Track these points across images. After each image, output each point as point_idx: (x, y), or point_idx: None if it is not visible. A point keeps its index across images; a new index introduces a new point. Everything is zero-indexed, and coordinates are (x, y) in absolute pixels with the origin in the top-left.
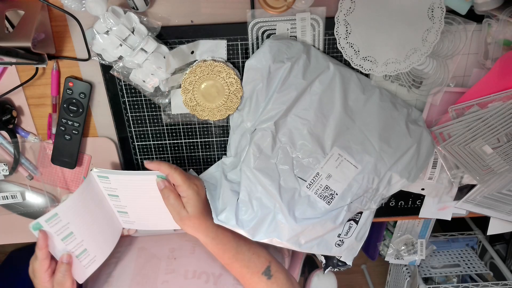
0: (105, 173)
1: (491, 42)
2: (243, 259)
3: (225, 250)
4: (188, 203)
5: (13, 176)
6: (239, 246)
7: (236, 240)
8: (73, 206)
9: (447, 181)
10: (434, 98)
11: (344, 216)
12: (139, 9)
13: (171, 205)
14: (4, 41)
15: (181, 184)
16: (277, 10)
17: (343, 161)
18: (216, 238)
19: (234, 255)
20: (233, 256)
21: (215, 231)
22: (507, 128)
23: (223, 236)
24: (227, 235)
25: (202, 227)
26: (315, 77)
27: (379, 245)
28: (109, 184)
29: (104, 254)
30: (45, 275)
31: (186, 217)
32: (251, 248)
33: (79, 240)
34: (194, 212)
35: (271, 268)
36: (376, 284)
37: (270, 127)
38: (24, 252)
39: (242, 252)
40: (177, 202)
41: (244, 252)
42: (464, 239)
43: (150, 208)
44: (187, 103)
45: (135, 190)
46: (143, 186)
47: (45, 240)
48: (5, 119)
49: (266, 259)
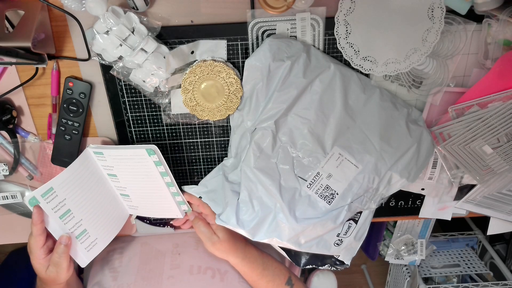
0: (100, 149)
1: (491, 42)
2: (268, 274)
3: (253, 268)
4: (218, 229)
5: (13, 176)
6: (264, 263)
7: (262, 257)
8: (68, 180)
9: (447, 181)
10: (434, 98)
11: (345, 216)
12: (139, 9)
13: (202, 233)
14: (4, 41)
15: (211, 213)
16: (277, 10)
17: (344, 160)
18: (245, 258)
19: (261, 271)
20: (260, 272)
21: (244, 251)
22: (507, 128)
23: (250, 255)
24: (254, 254)
25: (232, 250)
26: (315, 76)
27: (379, 245)
28: (105, 161)
29: (107, 238)
30: (41, 251)
31: (217, 241)
32: (274, 263)
33: (77, 219)
34: (225, 237)
35: (292, 278)
36: (376, 284)
37: (270, 126)
38: (24, 252)
39: (267, 268)
40: (208, 229)
41: (269, 267)
42: (464, 239)
43: (149, 190)
44: (187, 103)
45: (129, 167)
46: (135, 162)
47: (39, 215)
48: (5, 119)
49: (286, 271)
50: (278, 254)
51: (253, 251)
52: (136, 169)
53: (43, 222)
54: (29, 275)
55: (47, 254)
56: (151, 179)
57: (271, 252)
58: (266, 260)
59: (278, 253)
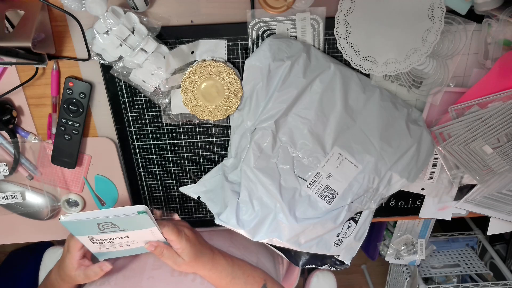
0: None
1: (491, 42)
2: (238, 283)
3: (221, 277)
4: (183, 252)
5: (13, 176)
6: (234, 271)
7: (232, 266)
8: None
9: (447, 181)
10: (434, 98)
11: (345, 216)
12: (139, 9)
13: (167, 259)
14: (4, 41)
15: (174, 239)
16: (277, 10)
17: (344, 160)
18: (212, 269)
19: (230, 280)
20: (230, 281)
21: (211, 263)
22: (507, 128)
23: (218, 265)
24: (222, 264)
25: (199, 265)
26: (315, 76)
27: (379, 245)
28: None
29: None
30: (78, 253)
31: (183, 263)
32: (246, 271)
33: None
34: (190, 257)
35: (267, 285)
36: (376, 284)
37: (270, 126)
38: (24, 252)
39: (237, 277)
40: (171, 254)
41: (240, 276)
42: (464, 239)
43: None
44: (187, 103)
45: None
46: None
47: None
48: (5, 119)
49: (260, 278)
50: (270, 255)
51: (221, 261)
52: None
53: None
54: (29, 275)
55: (81, 258)
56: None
57: (262, 254)
58: (236, 268)
59: (270, 254)
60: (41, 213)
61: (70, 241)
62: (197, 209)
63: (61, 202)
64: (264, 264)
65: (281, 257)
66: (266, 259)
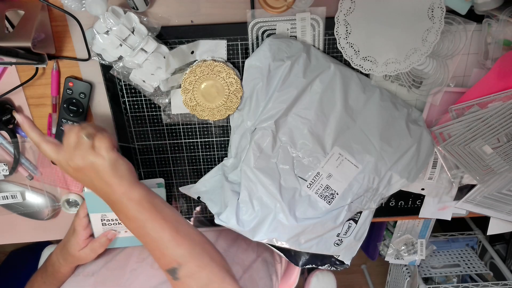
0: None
1: (491, 42)
2: (149, 243)
3: (133, 221)
4: (102, 147)
5: (13, 176)
6: (147, 222)
7: (146, 216)
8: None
9: (447, 181)
10: (434, 98)
11: (345, 216)
12: (139, 9)
13: (80, 143)
14: (4, 41)
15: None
16: (277, 10)
17: (344, 160)
18: (132, 203)
19: (142, 234)
20: (134, 230)
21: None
22: (507, 128)
23: (140, 206)
24: (144, 209)
25: (116, 185)
26: (315, 76)
27: (379, 245)
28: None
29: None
30: (84, 232)
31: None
32: (163, 239)
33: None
34: (110, 164)
35: (180, 271)
36: (376, 284)
37: (270, 126)
38: (24, 252)
39: (151, 240)
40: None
41: (153, 240)
42: (464, 239)
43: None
44: (187, 103)
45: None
46: None
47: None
48: (5, 119)
49: (174, 260)
50: (269, 253)
51: (145, 208)
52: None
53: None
54: (29, 275)
55: (87, 237)
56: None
57: (261, 252)
58: (152, 224)
59: (268, 252)
60: (41, 213)
61: (75, 221)
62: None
63: (61, 202)
64: (261, 261)
65: (280, 256)
66: (264, 257)
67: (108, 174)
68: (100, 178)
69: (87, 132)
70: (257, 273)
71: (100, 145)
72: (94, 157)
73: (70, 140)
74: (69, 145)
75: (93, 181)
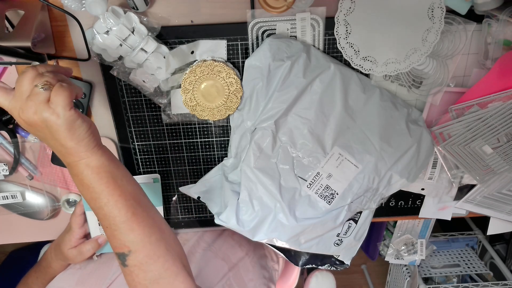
0: None
1: (491, 42)
2: (101, 218)
3: (90, 190)
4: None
5: (13, 176)
6: (102, 194)
7: (103, 187)
8: None
9: (447, 181)
10: (434, 98)
11: (345, 216)
12: (139, 9)
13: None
14: (4, 41)
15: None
16: (277, 10)
17: (344, 160)
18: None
19: (90, 200)
20: (89, 201)
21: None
22: (507, 128)
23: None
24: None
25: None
26: (315, 76)
27: (379, 245)
28: None
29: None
30: (79, 231)
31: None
32: (116, 218)
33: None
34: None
35: (130, 257)
36: (376, 284)
37: (270, 126)
38: (24, 252)
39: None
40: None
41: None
42: (464, 239)
43: None
44: (187, 103)
45: None
46: None
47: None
48: (5, 119)
49: (124, 245)
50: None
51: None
52: None
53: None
54: None
55: (81, 237)
56: None
57: (253, 250)
58: (105, 196)
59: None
60: (41, 213)
61: (72, 219)
62: (197, 209)
63: (61, 202)
64: (251, 262)
65: (277, 256)
66: (255, 254)
67: (63, 135)
68: (55, 138)
69: (44, 81)
70: (245, 274)
71: (57, 100)
72: (48, 113)
73: (23, 87)
74: (21, 93)
75: (48, 139)
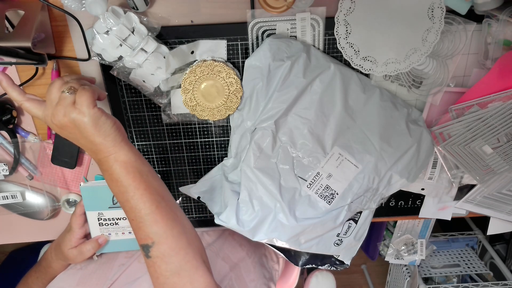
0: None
1: (491, 42)
2: (131, 209)
3: (119, 185)
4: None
5: (13, 176)
6: (129, 188)
7: (130, 181)
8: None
9: (447, 181)
10: (434, 98)
11: (345, 216)
12: (139, 9)
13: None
14: (4, 41)
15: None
16: (277, 10)
17: (344, 160)
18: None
19: (125, 200)
20: (117, 194)
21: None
22: (507, 128)
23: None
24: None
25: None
26: (315, 76)
27: (379, 245)
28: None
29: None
30: (80, 231)
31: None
32: (141, 211)
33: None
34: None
35: (153, 249)
36: (376, 284)
37: (270, 126)
38: (24, 252)
39: (127, 200)
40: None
41: (139, 209)
42: (464, 239)
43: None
44: (187, 103)
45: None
46: None
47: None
48: (5, 119)
49: (148, 237)
50: (263, 251)
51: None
52: None
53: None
54: None
55: (82, 237)
56: None
57: (252, 249)
58: (132, 189)
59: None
60: (41, 213)
61: (72, 218)
62: (197, 209)
63: (61, 202)
64: (252, 263)
65: (277, 256)
66: (256, 254)
67: (90, 131)
68: (84, 136)
69: (69, 87)
70: (247, 274)
71: (81, 101)
72: (75, 113)
73: (52, 96)
74: (51, 101)
75: (78, 139)
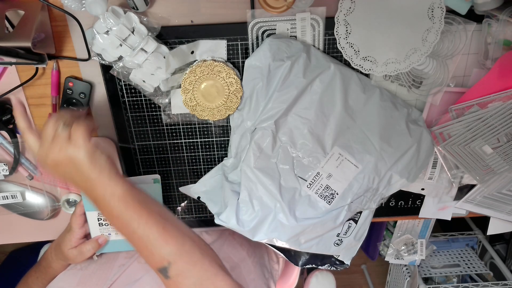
0: None
1: (491, 42)
2: (139, 241)
3: (119, 219)
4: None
5: (13, 176)
6: (132, 219)
7: (136, 216)
8: None
9: (447, 181)
10: (434, 98)
11: (345, 216)
12: (139, 9)
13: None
14: (4, 41)
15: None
16: (277, 10)
17: (344, 160)
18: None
19: (131, 232)
20: (120, 229)
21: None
22: (507, 128)
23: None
24: (126, 204)
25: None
26: (315, 76)
27: (379, 245)
28: None
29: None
30: (80, 231)
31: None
32: (150, 237)
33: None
34: (85, 151)
35: (170, 269)
36: (376, 284)
37: (270, 126)
38: (24, 252)
39: (142, 236)
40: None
41: (146, 235)
42: (464, 239)
43: None
44: (187, 103)
45: None
46: None
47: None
48: (5, 119)
49: (163, 259)
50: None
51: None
52: None
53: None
54: None
55: (81, 237)
56: None
57: (252, 249)
58: (141, 223)
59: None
60: (41, 213)
61: (72, 219)
62: (197, 209)
63: (61, 202)
64: (252, 262)
65: (277, 256)
66: (256, 254)
67: (86, 166)
68: (79, 172)
69: (63, 122)
70: (248, 274)
71: (77, 135)
72: (70, 148)
73: (47, 133)
74: (47, 138)
75: (73, 176)
